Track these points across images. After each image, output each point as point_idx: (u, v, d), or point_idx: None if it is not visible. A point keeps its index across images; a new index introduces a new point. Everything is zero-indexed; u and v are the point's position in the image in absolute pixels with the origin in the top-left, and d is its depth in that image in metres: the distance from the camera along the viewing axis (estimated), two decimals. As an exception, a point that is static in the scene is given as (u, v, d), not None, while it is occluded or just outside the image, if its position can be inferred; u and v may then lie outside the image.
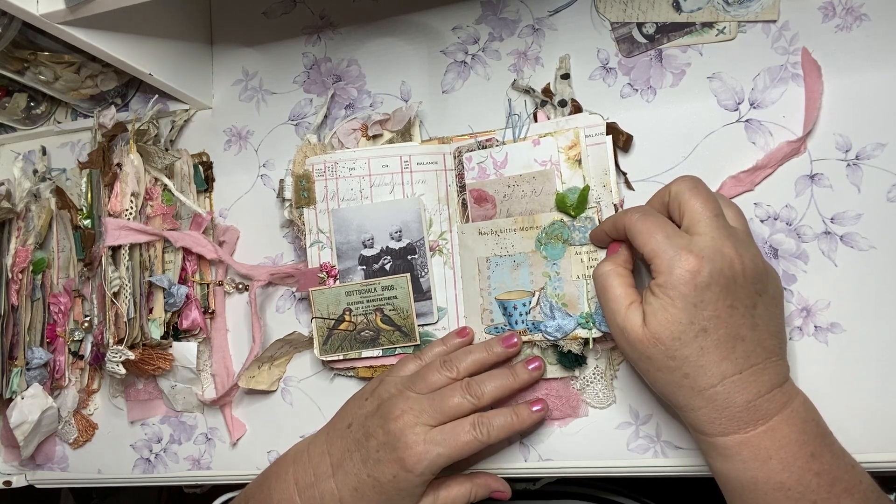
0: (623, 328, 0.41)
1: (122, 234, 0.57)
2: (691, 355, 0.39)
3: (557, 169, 0.50)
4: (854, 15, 0.48)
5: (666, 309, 0.39)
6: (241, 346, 0.61)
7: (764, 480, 0.39)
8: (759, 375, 0.39)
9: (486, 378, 0.48)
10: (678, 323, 0.38)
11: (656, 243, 0.39)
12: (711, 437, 0.40)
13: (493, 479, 0.51)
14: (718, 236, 0.39)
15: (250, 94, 0.64)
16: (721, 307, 0.38)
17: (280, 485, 0.50)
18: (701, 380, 0.39)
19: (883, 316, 0.45)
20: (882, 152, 0.46)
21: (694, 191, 0.41)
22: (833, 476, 0.38)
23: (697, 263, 0.38)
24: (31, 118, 0.69)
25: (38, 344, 0.65)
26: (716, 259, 0.38)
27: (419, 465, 0.45)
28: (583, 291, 0.48)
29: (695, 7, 0.51)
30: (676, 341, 0.39)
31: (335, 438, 0.50)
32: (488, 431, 0.46)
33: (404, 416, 0.46)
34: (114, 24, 0.52)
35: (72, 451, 0.65)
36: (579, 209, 0.49)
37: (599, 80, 0.53)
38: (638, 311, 0.41)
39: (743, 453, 0.39)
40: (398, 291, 0.54)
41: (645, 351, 0.40)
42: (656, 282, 0.40)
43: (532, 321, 0.50)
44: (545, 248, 0.50)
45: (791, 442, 0.38)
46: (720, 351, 0.39)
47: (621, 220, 0.43)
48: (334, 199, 0.55)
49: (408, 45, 0.59)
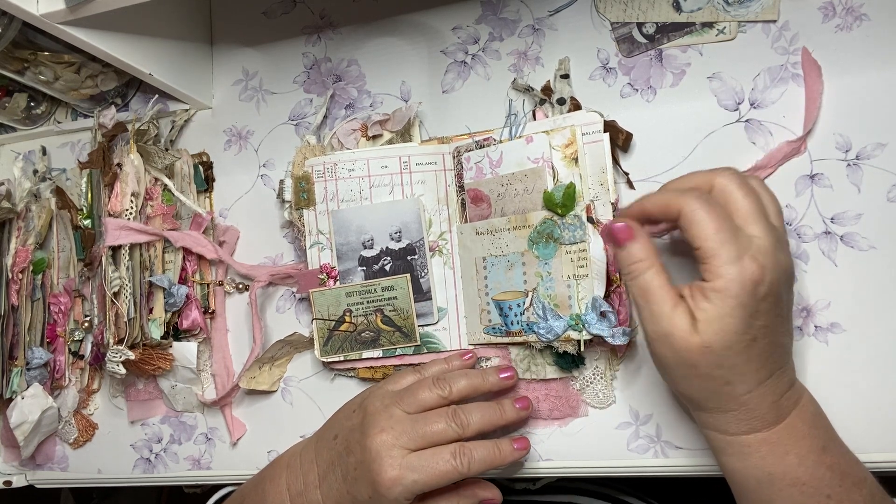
0: (668, 333, 0.38)
1: (122, 234, 0.57)
2: (738, 364, 0.37)
3: (549, 166, 0.49)
4: (854, 15, 0.48)
5: (723, 318, 0.36)
6: (241, 346, 0.61)
7: (780, 476, 0.38)
8: (782, 376, 0.39)
9: (473, 408, 0.46)
10: (734, 333, 0.36)
11: (719, 242, 0.36)
12: (734, 436, 0.39)
13: (481, 487, 0.48)
14: (774, 241, 0.37)
15: (250, 94, 0.64)
16: (771, 317, 0.37)
17: (273, 488, 0.50)
18: (740, 387, 0.38)
19: (883, 316, 0.45)
20: (882, 152, 0.46)
21: (744, 188, 0.38)
22: (843, 469, 0.39)
23: (761, 274, 0.36)
24: (31, 118, 0.69)
25: (38, 344, 0.65)
26: (775, 269, 0.36)
27: (393, 491, 0.43)
28: (573, 292, 0.48)
29: (695, 7, 0.51)
30: (728, 350, 0.36)
31: (322, 449, 0.49)
32: (469, 463, 0.44)
33: (383, 434, 0.44)
34: (114, 24, 0.52)
35: (72, 451, 0.65)
36: (567, 207, 0.48)
37: (599, 80, 0.53)
38: (685, 314, 0.37)
39: (762, 450, 0.39)
40: (398, 292, 0.54)
41: (691, 359, 0.37)
42: (713, 286, 0.36)
43: (526, 322, 0.50)
44: (537, 248, 0.49)
45: (805, 436, 0.39)
46: (761, 359, 0.38)
47: (676, 203, 0.38)
48: (334, 201, 0.55)
49: (408, 45, 0.59)
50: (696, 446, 0.48)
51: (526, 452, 0.48)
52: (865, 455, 0.42)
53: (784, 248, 0.38)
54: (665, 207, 0.39)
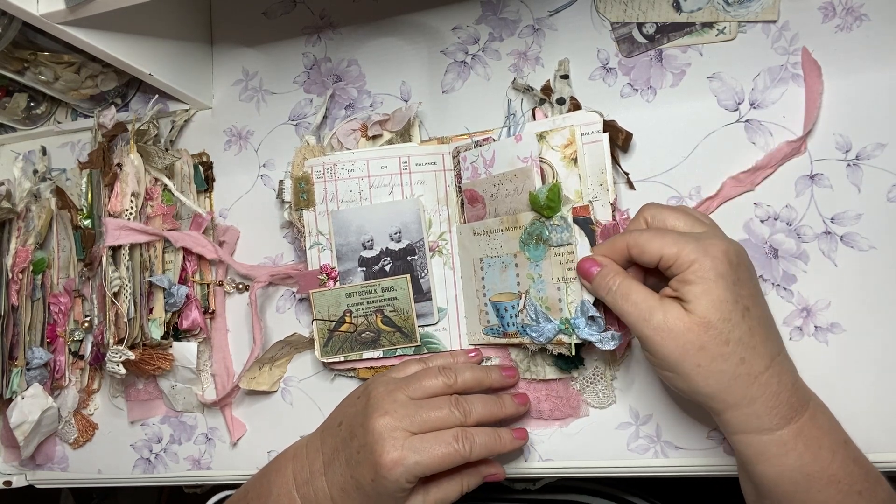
0: (665, 325, 0.38)
1: (122, 234, 0.57)
2: (744, 336, 0.38)
3: (537, 165, 0.49)
4: (854, 15, 0.48)
5: (710, 291, 0.38)
6: (241, 346, 0.61)
7: (818, 475, 0.38)
8: (787, 357, 0.40)
9: (475, 398, 0.47)
10: (725, 302, 0.38)
11: (675, 243, 0.39)
12: (771, 432, 0.38)
13: (484, 464, 0.49)
14: (718, 231, 0.41)
15: (250, 94, 0.64)
16: (753, 286, 0.39)
17: (279, 479, 0.50)
18: (756, 363, 0.38)
19: (883, 316, 0.45)
20: (882, 152, 0.46)
21: (669, 207, 0.43)
22: (866, 464, 0.39)
23: (725, 245, 0.39)
24: (31, 118, 0.69)
25: (38, 344, 0.65)
26: (732, 243, 0.40)
27: (394, 472, 0.43)
28: (563, 295, 0.47)
29: (695, 7, 0.51)
30: (728, 322, 0.37)
31: (328, 436, 0.50)
32: (470, 447, 0.44)
33: (386, 416, 0.45)
34: (114, 24, 0.52)
35: (72, 451, 0.65)
36: (552, 209, 0.47)
37: (599, 80, 0.53)
38: (673, 303, 0.39)
39: (799, 446, 0.38)
40: (398, 292, 0.54)
41: (697, 339, 0.38)
42: (690, 270, 0.38)
43: (521, 324, 0.49)
44: (528, 249, 0.49)
45: (830, 429, 0.39)
46: (763, 330, 0.39)
47: (621, 241, 0.42)
48: (333, 201, 0.55)
49: (408, 45, 0.59)
50: (696, 446, 0.48)
51: (524, 443, 0.49)
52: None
53: None
54: (612, 249, 0.43)
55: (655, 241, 0.40)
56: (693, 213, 0.43)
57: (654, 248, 0.40)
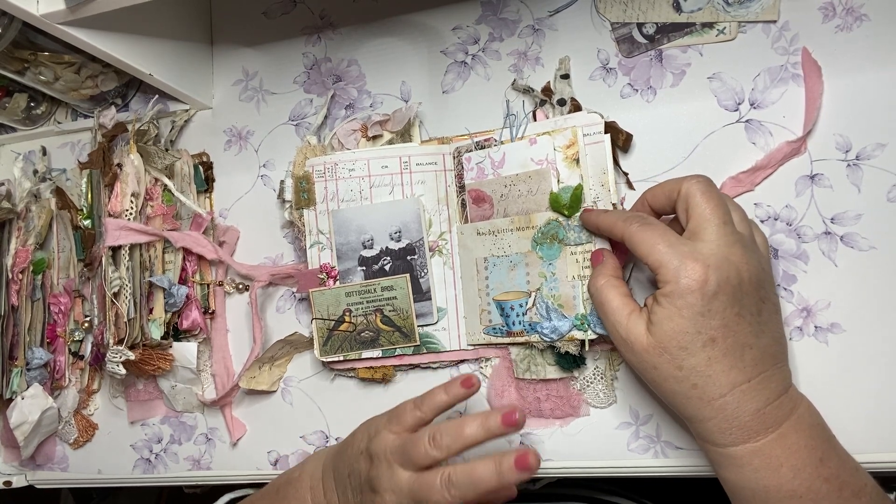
0: (626, 339, 0.40)
1: (123, 234, 0.57)
2: (699, 365, 0.38)
3: (554, 168, 0.50)
4: (854, 15, 0.48)
5: (672, 318, 0.38)
6: (241, 346, 0.61)
7: (776, 489, 0.38)
8: (767, 383, 0.39)
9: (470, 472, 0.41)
10: (685, 333, 0.38)
11: (660, 253, 0.39)
12: (722, 447, 0.40)
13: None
14: (725, 243, 0.38)
15: (250, 94, 0.64)
16: (729, 315, 0.38)
17: None
18: (710, 390, 0.38)
19: (883, 316, 0.45)
20: (882, 152, 0.46)
21: (705, 194, 0.40)
22: (841, 480, 0.38)
23: (704, 272, 0.37)
24: (31, 118, 0.69)
25: (38, 344, 0.65)
26: (722, 267, 0.38)
27: None
28: (578, 292, 0.48)
29: (695, 7, 0.51)
30: (683, 351, 0.38)
31: (338, 482, 0.48)
32: None
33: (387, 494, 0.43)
34: (114, 24, 0.52)
35: (72, 451, 0.65)
36: (573, 209, 0.48)
37: (599, 80, 0.53)
38: (639, 319, 0.40)
39: (754, 462, 0.39)
40: (398, 292, 0.54)
41: (651, 360, 0.39)
42: (662, 291, 0.39)
43: (529, 322, 0.50)
44: (541, 249, 0.49)
45: (800, 448, 0.38)
46: (728, 360, 0.38)
47: (619, 229, 0.42)
48: (334, 201, 0.55)
49: (408, 45, 0.59)
50: (695, 447, 0.48)
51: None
52: (865, 455, 0.42)
53: (744, 250, 0.39)
54: (611, 230, 0.43)
55: (644, 245, 0.40)
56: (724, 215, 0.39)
57: (642, 251, 0.40)
